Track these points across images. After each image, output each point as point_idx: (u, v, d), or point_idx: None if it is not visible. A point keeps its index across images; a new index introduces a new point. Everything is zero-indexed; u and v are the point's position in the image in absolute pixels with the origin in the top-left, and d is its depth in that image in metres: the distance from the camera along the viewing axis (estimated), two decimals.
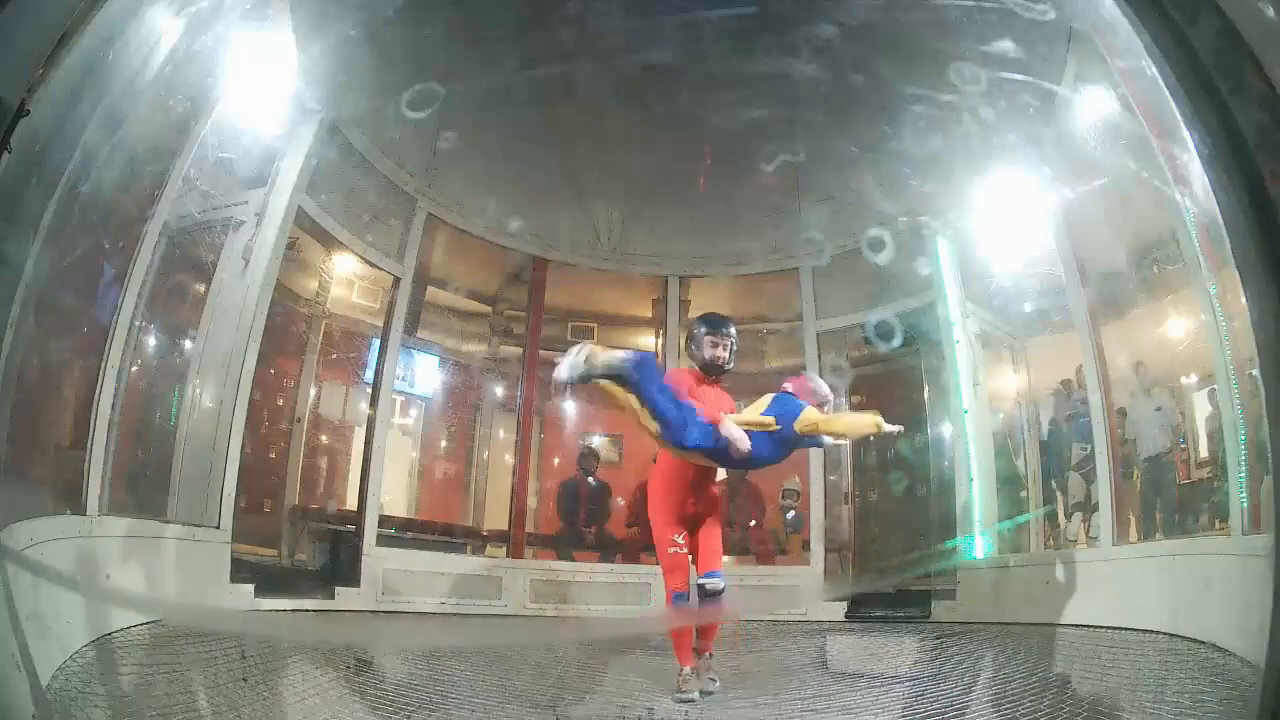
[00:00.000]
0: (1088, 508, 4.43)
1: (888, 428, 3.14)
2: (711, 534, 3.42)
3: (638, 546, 5.72)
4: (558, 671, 3.58)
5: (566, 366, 2.91)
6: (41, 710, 1.69)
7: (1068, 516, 4.63)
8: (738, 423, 3.06)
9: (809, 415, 3.09)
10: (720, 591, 3.33)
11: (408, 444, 5.93)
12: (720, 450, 3.02)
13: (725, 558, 3.54)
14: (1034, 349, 5.05)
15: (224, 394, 3.98)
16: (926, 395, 5.29)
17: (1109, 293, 4.31)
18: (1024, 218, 4.58)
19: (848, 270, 5.41)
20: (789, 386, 3.25)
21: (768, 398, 3.21)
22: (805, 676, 3.69)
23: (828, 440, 3.30)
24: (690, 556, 3.36)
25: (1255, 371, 1.42)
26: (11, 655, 1.56)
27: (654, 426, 2.99)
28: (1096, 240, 4.32)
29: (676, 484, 3.39)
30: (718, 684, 3.28)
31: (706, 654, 3.35)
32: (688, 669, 3.27)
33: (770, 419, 3.10)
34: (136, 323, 3.37)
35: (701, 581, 3.34)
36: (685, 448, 3.04)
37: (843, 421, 3.46)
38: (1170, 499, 3.97)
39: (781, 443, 3.12)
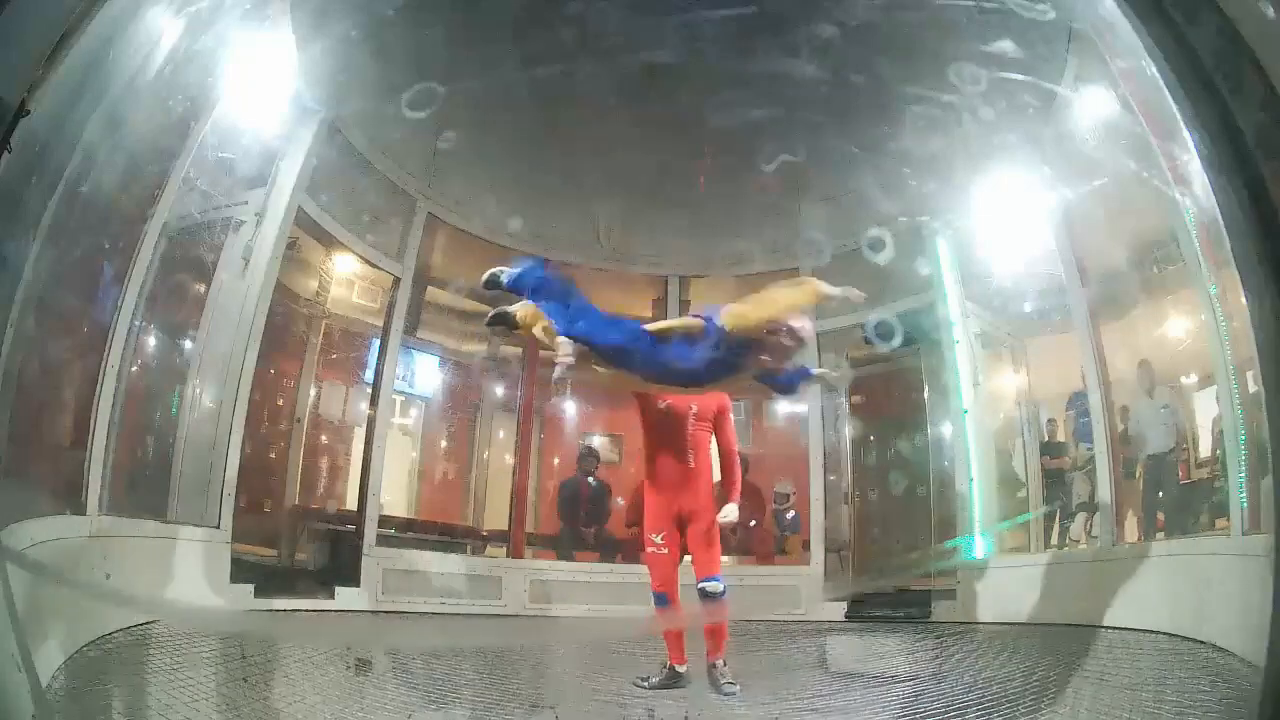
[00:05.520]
0: (1089, 507, 4.43)
1: (833, 290, 2.83)
2: (706, 537, 3.41)
3: (638, 546, 5.72)
4: (558, 671, 3.58)
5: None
6: (41, 710, 1.69)
7: (1070, 516, 4.63)
8: (657, 328, 2.90)
9: (730, 309, 2.79)
10: (719, 595, 3.34)
11: (408, 444, 5.93)
12: (638, 352, 2.81)
13: (725, 558, 3.54)
14: (1034, 349, 5.05)
15: (224, 394, 3.98)
16: (926, 395, 5.28)
17: (1109, 293, 4.31)
18: (1024, 218, 4.57)
19: (848, 270, 5.39)
20: None
21: None
22: (805, 676, 3.69)
23: (816, 371, 3.03)
24: (674, 557, 3.38)
25: (1255, 371, 1.42)
26: (11, 655, 1.56)
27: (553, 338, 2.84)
28: (1096, 240, 4.32)
29: (660, 481, 3.40)
30: (737, 688, 3.26)
31: (720, 660, 3.34)
32: (682, 667, 3.27)
33: (694, 319, 2.90)
34: (136, 323, 3.37)
35: (701, 585, 3.34)
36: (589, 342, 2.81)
37: (771, 298, 2.93)
38: (1171, 499, 3.97)
39: (717, 347, 2.75)
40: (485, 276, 3.17)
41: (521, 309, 3.15)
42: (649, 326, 2.95)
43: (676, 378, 2.94)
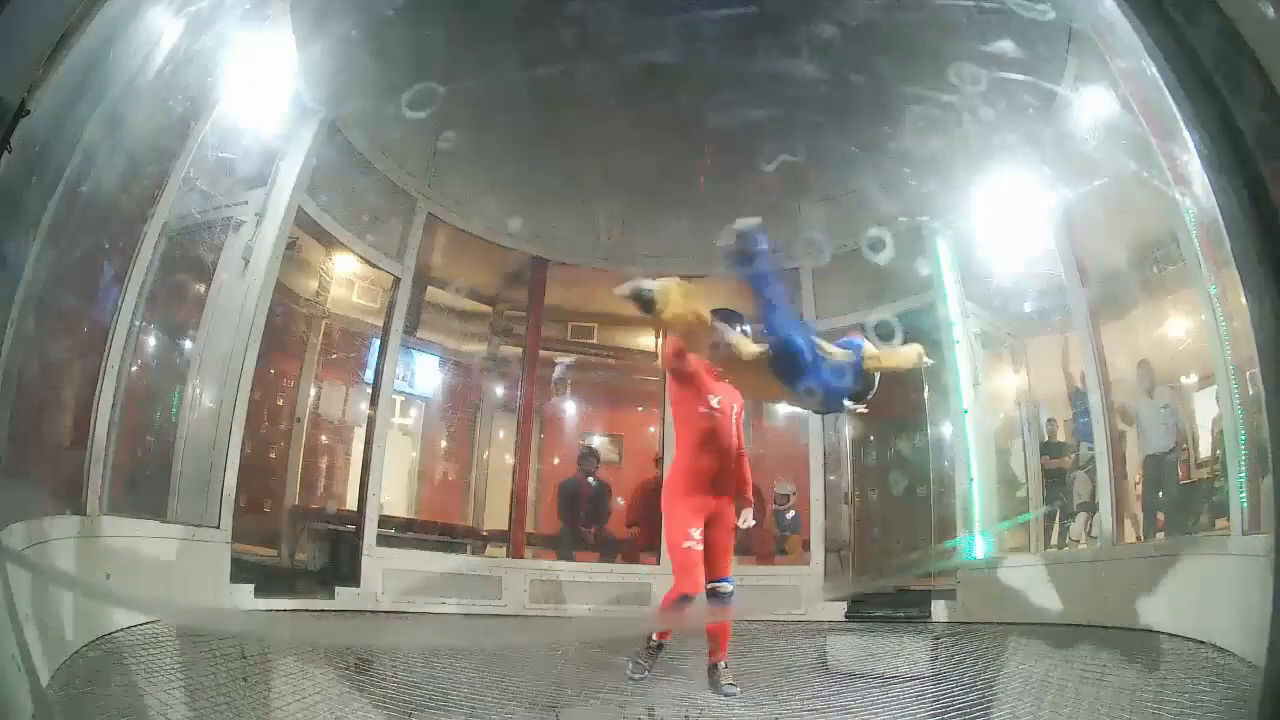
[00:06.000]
0: (1089, 507, 4.43)
1: (928, 360, 3.20)
2: (724, 537, 3.40)
3: (638, 546, 5.72)
4: (558, 671, 3.58)
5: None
6: (41, 710, 1.69)
7: (1070, 516, 4.63)
8: (826, 352, 3.02)
9: (869, 349, 3.05)
10: (729, 595, 3.33)
11: (408, 444, 5.93)
12: (824, 378, 2.94)
13: None
14: (1034, 349, 5.05)
15: (224, 394, 3.98)
16: (926, 395, 5.28)
17: (1109, 293, 4.31)
18: (1024, 218, 4.58)
19: (848, 270, 5.41)
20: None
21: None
22: (805, 676, 3.69)
23: (850, 406, 3.15)
24: (703, 555, 3.35)
25: (1255, 371, 1.42)
26: (11, 655, 1.56)
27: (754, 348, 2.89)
28: (1096, 240, 4.32)
29: (700, 479, 3.37)
30: (738, 689, 3.25)
31: (722, 662, 3.33)
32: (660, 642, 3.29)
33: (845, 351, 3.05)
34: (136, 323, 3.37)
35: (713, 585, 3.32)
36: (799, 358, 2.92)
37: (896, 355, 3.31)
38: (1171, 499, 3.97)
39: (857, 377, 3.03)
40: (743, 233, 2.89)
41: (675, 289, 3.02)
42: (821, 345, 3.02)
43: (811, 398, 3.07)
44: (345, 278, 5.34)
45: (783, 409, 6.15)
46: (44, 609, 1.94)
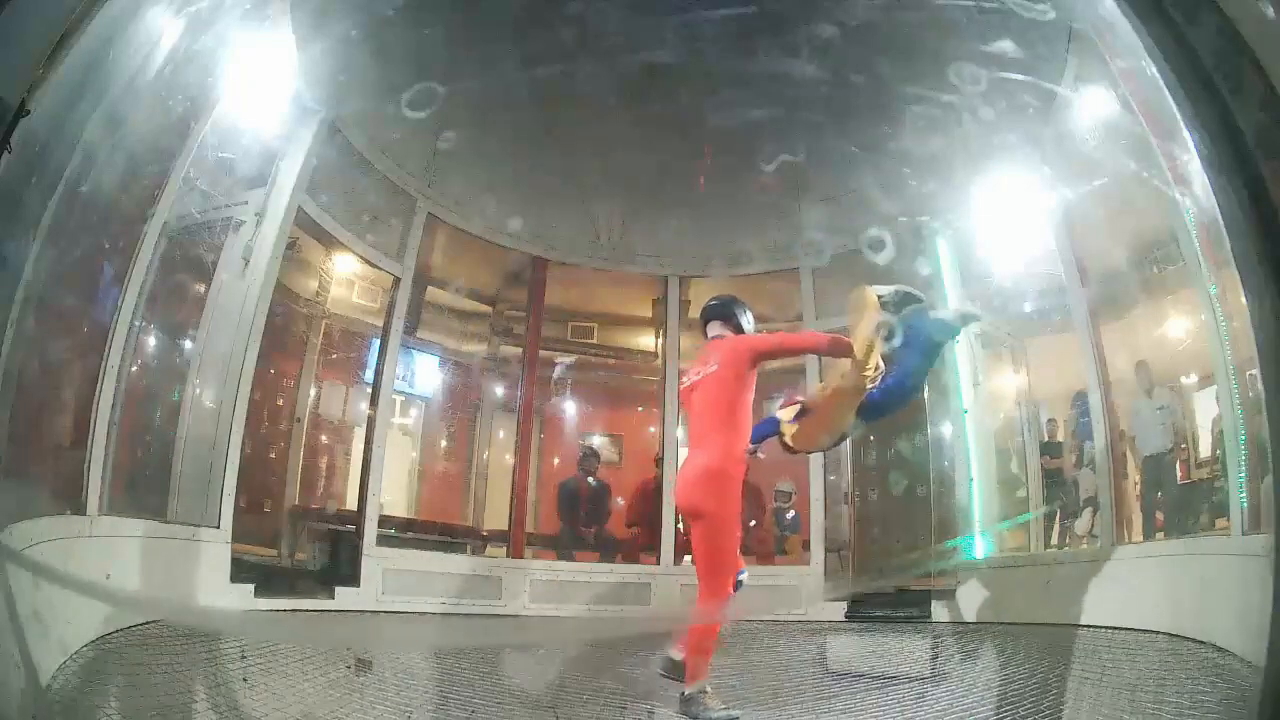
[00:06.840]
0: (1090, 507, 4.43)
1: None
2: None
3: (638, 546, 5.73)
4: (557, 671, 3.58)
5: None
6: (41, 710, 1.69)
7: (1070, 516, 4.62)
8: None
9: None
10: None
11: (408, 444, 5.93)
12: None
13: None
14: (1034, 349, 5.05)
15: (224, 394, 3.98)
16: (926, 395, 5.28)
17: (1109, 293, 4.31)
18: (1024, 218, 4.58)
19: (848, 270, 5.41)
20: None
21: None
22: (805, 676, 3.70)
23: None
24: None
25: (1255, 371, 1.42)
26: (11, 655, 1.56)
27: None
28: (1096, 240, 4.33)
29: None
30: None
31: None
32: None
33: None
34: (136, 323, 3.36)
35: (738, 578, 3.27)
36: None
37: None
38: (1170, 499, 3.97)
39: None
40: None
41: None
42: None
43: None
44: (345, 278, 5.34)
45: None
46: (44, 609, 1.94)
